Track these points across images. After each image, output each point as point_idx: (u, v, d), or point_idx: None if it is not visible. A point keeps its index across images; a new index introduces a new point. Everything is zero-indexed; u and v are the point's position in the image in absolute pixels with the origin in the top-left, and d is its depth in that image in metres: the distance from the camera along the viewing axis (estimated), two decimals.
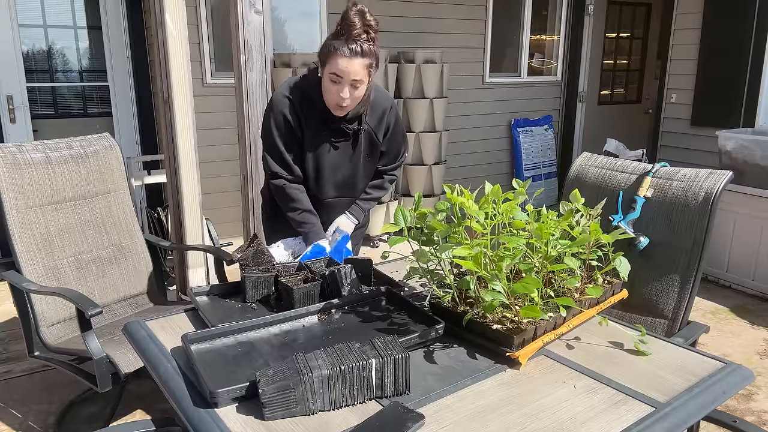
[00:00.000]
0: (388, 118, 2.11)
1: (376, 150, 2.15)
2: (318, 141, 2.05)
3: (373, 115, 2.07)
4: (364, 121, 2.05)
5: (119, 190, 2.64)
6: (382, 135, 2.13)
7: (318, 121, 2.02)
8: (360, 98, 1.94)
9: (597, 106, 6.59)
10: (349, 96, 1.88)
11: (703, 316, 3.62)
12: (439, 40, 5.28)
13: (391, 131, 2.15)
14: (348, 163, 2.11)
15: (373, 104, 2.06)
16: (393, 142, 2.19)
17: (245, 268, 1.67)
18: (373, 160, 2.18)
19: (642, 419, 1.13)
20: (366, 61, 1.84)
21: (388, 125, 2.13)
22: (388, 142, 2.17)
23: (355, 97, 1.90)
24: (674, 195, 1.92)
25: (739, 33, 4.82)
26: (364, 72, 1.85)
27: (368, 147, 2.12)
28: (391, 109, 2.11)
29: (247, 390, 1.16)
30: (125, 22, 4.59)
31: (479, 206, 1.42)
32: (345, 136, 2.06)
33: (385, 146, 2.17)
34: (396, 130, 2.17)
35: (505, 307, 1.40)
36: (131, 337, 1.49)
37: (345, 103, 1.90)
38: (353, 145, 2.09)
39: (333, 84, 1.87)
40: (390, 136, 2.16)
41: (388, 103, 2.11)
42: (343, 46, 1.81)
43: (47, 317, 2.30)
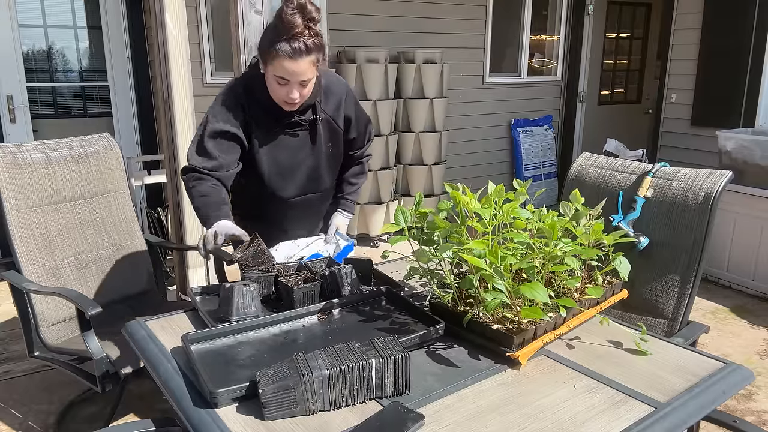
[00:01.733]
0: (346, 105, 2.01)
1: (338, 139, 2.04)
2: (272, 138, 1.93)
3: (328, 102, 1.97)
4: (319, 109, 1.94)
5: (119, 190, 2.64)
6: (342, 122, 2.02)
7: (268, 119, 1.90)
8: (309, 93, 1.83)
9: (597, 106, 6.59)
10: (299, 95, 1.79)
11: (703, 316, 3.62)
12: (439, 40, 5.28)
13: (354, 117, 2.05)
14: (309, 156, 2.00)
15: (327, 90, 1.96)
16: (359, 127, 2.09)
17: (245, 268, 1.67)
18: (337, 150, 2.06)
19: (642, 419, 1.13)
20: (312, 58, 1.73)
21: (348, 113, 2.03)
22: (354, 128, 2.07)
23: (304, 95, 1.81)
24: (674, 195, 1.92)
25: (739, 33, 4.82)
26: (311, 69, 1.75)
27: (329, 136, 2.01)
28: (347, 96, 2.01)
29: (247, 390, 1.16)
30: (125, 22, 4.59)
31: (482, 206, 1.42)
32: (300, 127, 1.95)
33: (352, 134, 2.08)
34: (358, 114, 2.06)
35: (505, 307, 1.40)
36: (131, 337, 1.49)
37: (294, 102, 1.81)
38: (312, 137, 1.98)
39: (280, 86, 1.78)
40: (354, 122, 2.05)
41: (343, 90, 2.00)
42: (285, 46, 1.69)
43: (47, 317, 2.30)
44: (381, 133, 4.70)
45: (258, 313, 1.52)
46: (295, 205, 2.08)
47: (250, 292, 1.51)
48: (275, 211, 2.09)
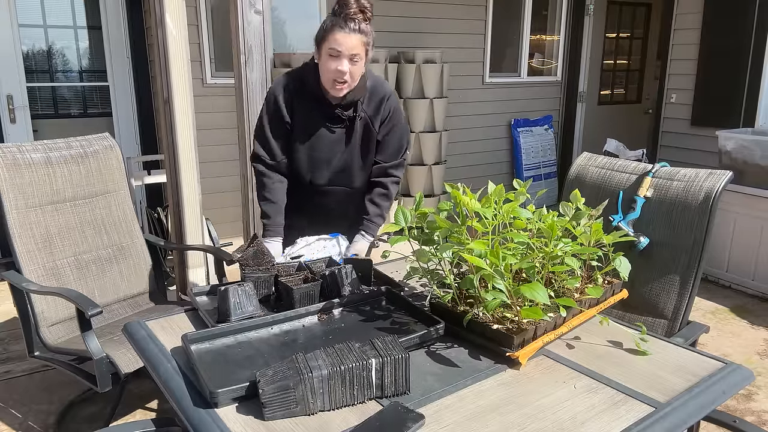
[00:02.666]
0: (387, 105, 2.08)
1: (372, 139, 2.11)
2: (311, 127, 2.05)
3: (370, 103, 2.06)
4: (360, 108, 2.04)
5: (119, 190, 2.64)
6: (378, 124, 2.09)
7: (312, 107, 2.03)
8: (357, 78, 1.94)
9: (597, 106, 6.59)
10: (348, 71, 1.89)
11: (703, 316, 3.62)
12: (439, 40, 5.28)
13: (390, 118, 2.10)
14: (343, 151, 2.09)
15: (371, 92, 2.05)
16: (392, 134, 2.13)
17: (245, 268, 1.67)
18: (369, 151, 2.13)
19: (642, 419, 1.13)
20: (363, 38, 1.88)
21: (387, 111, 2.09)
22: (386, 131, 2.11)
23: (353, 74, 1.90)
24: (674, 195, 1.92)
25: (739, 33, 4.82)
26: (361, 48, 1.89)
27: (364, 136, 2.09)
28: (389, 98, 2.09)
29: (247, 390, 1.16)
30: (125, 22, 4.59)
31: (482, 206, 1.42)
32: (340, 124, 2.05)
33: (381, 135, 2.11)
34: (395, 120, 2.11)
35: (505, 307, 1.40)
36: (131, 337, 1.49)
37: (344, 77, 1.90)
38: (349, 134, 2.07)
39: (332, 59, 1.89)
40: (387, 124, 2.10)
41: (386, 92, 2.09)
42: (341, 22, 1.87)
43: (47, 317, 2.30)
44: None
45: (256, 311, 1.52)
46: (326, 194, 2.16)
47: (245, 292, 1.51)
48: (308, 198, 2.17)
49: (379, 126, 2.10)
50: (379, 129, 2.11)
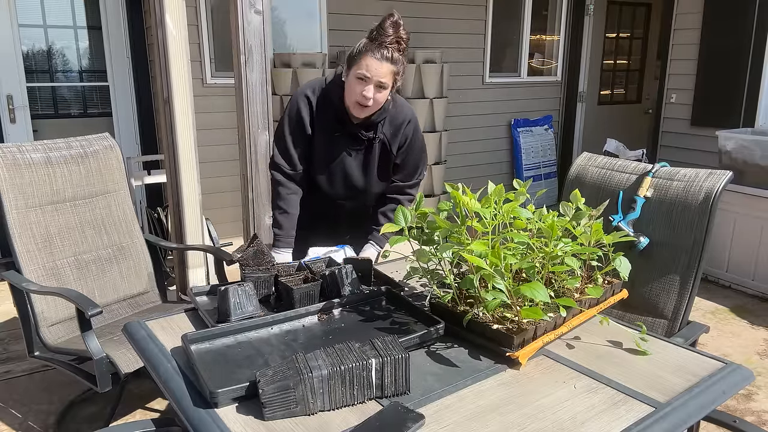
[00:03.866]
0: (406, 130, 2.11)
1: (389, 161, 2.15)
2: (331, 143, 2.08)
3: (390, 126, 2.09)
4: (380, 130, 2.07)
5: (119, 190, 2.64)
6: (396, 147, 2.12)
7: (333, 123, 2.05)
8: (381, 103, 1.96)
9: (597, 106, 6.59)
10: (372, 96, 1.91)
11: (703, 316, 3.62)
12: (439, 40, 5.28)
13: (408, 144, 2.13)
14: (360, 170, 2.14)
15: (392, 115, 2.08)
16: (410, 157, 2.17)
17: (245, 268, 1.67)
18: (386, 172, 2.17)
19: (642, 419, 1.13)
20: (394, 68, 1.90)
21: (405, 138, 2.12)
22: (404, 155, 2.15)
23: (377, 100, 1.93)
24: (674, 195, 1.92)
25: (739, 33, 4.82)
26: (389, 77, 1.90)
27: (381, 157, 2.13)
28: (409, 122, 2.12)
29: (247, 390, 1.16)
30: (125, 22, 4.59)
31: (482, 206, 1.42)
32: (359, 144, 2.09)
33: (400, 159, 2.15)
34: (413, 143, 2.14)
35: (505, 307, 1.40)
36: (131, 337, 1.49)
37: (368, 102, 1.92)
38: (367, 154, 2.11)
39: (359, 82, 1.90)
40: (406, 148, 2.14)
41: (407, 116, 2.11)
42: (375, 49, 1.87)
43: (47, 317, 2.30)
44: None
45: (256, 311, 1.52)
46: (341, 207, 2.22)
47: (245, 291, 1.51)
48: (323, 207, 2.22)
49: (397, 150, 2.13)
50: (397, 153, 2.14)
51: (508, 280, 1.33)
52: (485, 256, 1.32)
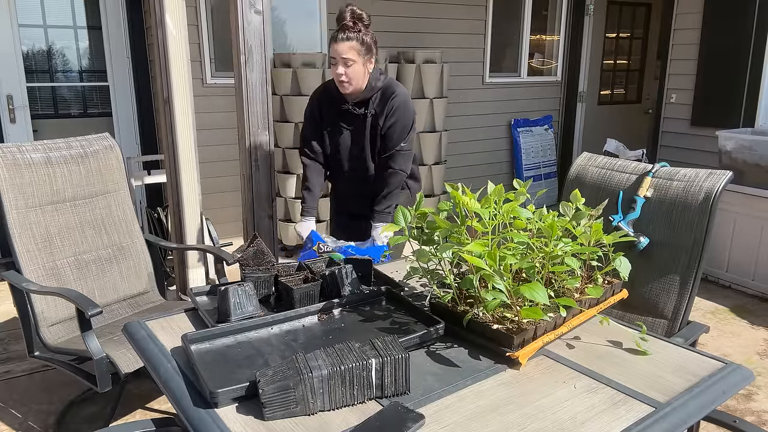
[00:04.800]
0: (392, 102, 2.38)
1: (377, 132, 2.43)
2: (334, 125, 2.49)
3: (381, 101, 2.40)
4: (371, 106, 2.40)
5: (119, 190, 2.64)
6: (383, 119, 2.40)
7: (335, 109, 2.46)
8: (356, 77, 2.31)
9: (597, 106, 6.59)
10: (344, 72, 2.29)
11: (703, 316, 3.62)
12: (439, 40, 5.28)
13: (392, 113, 2.38)
14: (357, 142, 2.47)
15: (383, 92, 2.40)
16: (393, 129, 2.40)
17: (245, 268, 1.67)
18: (376, 142, 2.45)
19: (642, 419, 1.13)
20: (353, 44, 2.27)
21: (391, 108, 2.38)
22: (388, 125, 2.40)
23: (349, 75, 2.30)
24: (674, 195, 1.92)
25: (739, 33, 4.82)
26: (352, 53, 2.27)
27: (372, 130, 2.44)
28: (395, 96, 2.39)
29: (247, 390, 1.16)
30: (125, 22, 4.59)
31: (481, 206, 1.42)
32: (355, 120, 2.44)
33: (384, 129, 2.41)
34: (397, 115, 2.38)
35: (505, 307, 1.40)
36: (131, 337, 1.49)
37: (342, 78, 2.30)
38: (361, 127, 2.44)
39: (334, 66, 2.31)
40: (390, 118, 2.39)
41: (394, 92, 2.40)
42: (336, 34, 2.28)
43: (47, 317, 2.30)
44: None
45: (256, 311, 1.52)
46: (347, 177, 2.56)
47: (245, 291, 1.51)
48: (338, 183, 2.65)
49: (384, 121, 2.40)
50: (383, 124, 2.40)
51: (507, 280, 1.33)
52: (485, 256, 1.32)
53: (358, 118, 2.42)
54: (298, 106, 4.38)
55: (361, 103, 2.40)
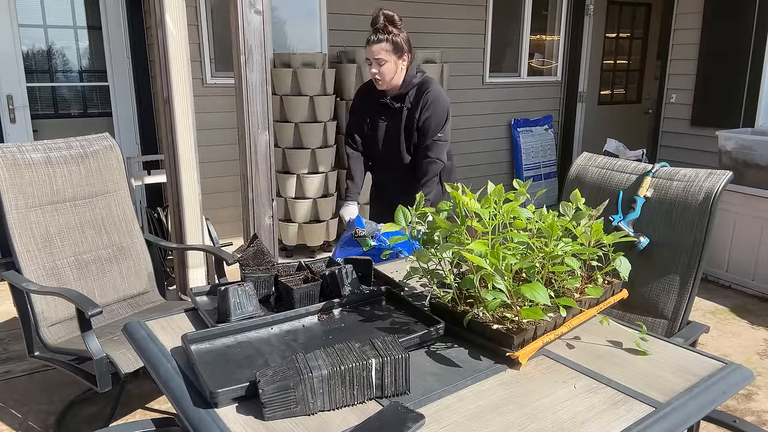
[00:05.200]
0: (426, 96, 2.60)
1: (413, 125, 2.64)
2: (373, 118, 2.72)
3: (416, 96, 2.62)
4: (407, 100, 2.63)
5: (119, 190, 2.64)
6: (419, 112, 2.61)
7: (375, 103, 2.70)
8: (388, 75, 2.55)
9: (597, 106, 6.59)
10: (378, 71, 2.54)
11: (703, 316, 3.62)
12: (439, 40, 5.28)
13: (426, 107, 2.59)
14: (393, 134, 2.69)
15: (418, 87, 2.62)
16: (428, 122, 2.61)
17: (245, 268, 1.67)
18: (411, 134, 2.65)
19: (642, 419, 1.13)
20: (384, 45, 2.50)
21: (425, 102, 2.60)
22: (423, 118, 2.61)
23: (382, 73, 2.54)
24: (674, 195, 1.92)
25: (739, 33, 4.82)
26: (383, 53, 2.51)
27: (407, 122, 2.64)
28: (429, 91, 2.60)
29: (247, 390, 1.16)
30: (125, 22, 4.59)
31: (481, 206, 1.42)
32: (391, 113, 2.66)
33: (421, 121, 2.62)
34: (429, 108, 2.59)
35: (505, 307, 1.40)
36: (131, 337, 1.49)
37: (376, 76, 2.55)
38: (397, 120, 2.66)
39: (369, 66, 2.58)
40: (425, 111, 2.60)
41: (429, 87, 2.62)
42: (369, 37, 2.52)
43: (47, 317, 2.30)
44: None
45: (256, 311, 1.52)
46: (386, 169, 2.80)
47: (245, 291, 1.51)
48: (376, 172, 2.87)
49: (419, 114, 2.61)
50: (419, 117, 2.61)
51: (508, 280, 1.33)
52: (485, 256, 1.32)
53: (396, 112, 2.65)
54: (298, 106, 4.38)
55: (399, 98, 2.63)
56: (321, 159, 4.51)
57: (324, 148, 4.51)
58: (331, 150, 4.60)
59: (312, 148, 4.46)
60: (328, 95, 4.48)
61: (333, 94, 4.57)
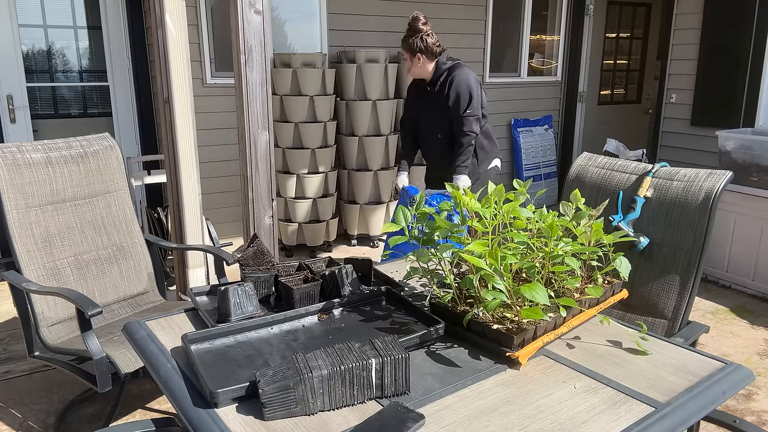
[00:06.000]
0: (451, 79, 3.16)
1: (444, 105, 3.19)
2: (418, 102, 3.36)
3: (443, 81, 3.19)
4: (438, 85, 3.21)
5: (119, 190, 2.64)
6: (446, 92, 3.17)
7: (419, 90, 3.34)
8: (411, 68, 3.23)
9: (597, 106, 6.59)
10: (405, 66, 3.29)
11: (703, 316, 3.62)
12: (440, 40, 5.27)
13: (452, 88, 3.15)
14: (429, 113, 3.30)
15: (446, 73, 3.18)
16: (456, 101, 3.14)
17: (245, 268, 1.67)
18: (443, 113, 3.21)
19: (642, 419, 1.13)
20: (403, 46, 3.21)
21: (450, 84, 3.15)
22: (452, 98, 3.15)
23: (408, 68, 3.26)
24: (674, 195, 1.92)
25: (739, 33, 4.82)
26: (403, 52, 3.23)
27: (439, 102, 3.22)
28: (454, 76, 3.15)
29: (247, 390, 1.16)
30: (125, 22, 4.59)
31: (481, 206, 1.42)
32: (428, 96, 3.26)
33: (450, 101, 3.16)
34: (454, 89, 3.14)
35: (505, 307, 1.40)
36: (131, 337, 1.49)
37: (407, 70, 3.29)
38: (432, 102, 3.25)
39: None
40: (452, 93, 3.14)
41: (455, 73, 3.17)
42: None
43: (47, 317, 2.30)
44: (381, 132, 4.70)
45: (256, 311, 1.52)
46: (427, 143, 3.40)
47: (245, 291, 1.52)
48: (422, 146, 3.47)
49: (447, 94, 3.16)
50: (447, 96, 3.16)
51: (508, 280, 1.33)
52: (485, 256, 1.32)
53: (431, 95, 3.24)
54: (298, 106, 4.38)
55: (433, 83, 3.22)
56: (321, 159, 4.51)
57: (324, 148, 4.51)
58: (331, 150, 4.60)
59: (312, 148, 4.46)
60: (328, 95, 4.48)
61: (333, 94, 4.57)
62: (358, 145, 4.70)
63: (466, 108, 3.12)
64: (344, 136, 4.73)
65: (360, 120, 4.63)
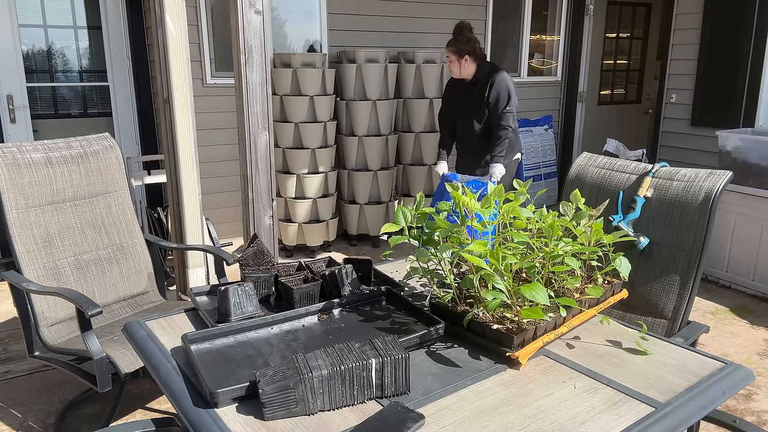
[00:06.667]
0: (491, 79, 3.56)
1: (483, 102, 3.58)
2: (456, 98, 3.74)
3: (483, 81, 3.58)
4: (479, 84, 3.59)
5: (119, 190, 2.64)
6: (487, 92, 3.56)
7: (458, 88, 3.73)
8: (455, 68, 3.61)
9: (597, 106, 6.59)
10: (449, 66, 3.65)
11: (703, 316, 3.62)
12: (439, 40, 5.27)
13: (492, 88, 3.54)
14: (467, 109, 3.66)
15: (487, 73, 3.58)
16: (496, 100, 3.53)
17: (245, 268, 1.67)
18: (481, 109, 3.59)
19: (642, 419, 1.13)
20: (449, 48, 3.60)
21: (491, 83, 3.55)
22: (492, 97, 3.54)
23: (451, 68, 3.63)
24: (674, 195, 1.92)
25: (739, 33, 4.82)
26: (449, 54, 3.60)
27: (478, 99, 3.60)
28: (494, 77, 3.56)
29: (247, 390, 1.16)
30: (125, 22, 4.59)
31: (481, 206, 1.42)
32: (469, 94, 3.64)
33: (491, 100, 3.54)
34: (494, 88, 3.54)
35: (505, 306, 1.40)
36: (131, 337, 1.49)
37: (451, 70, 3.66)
38: (471, 99, 3.63)
39: None
40: (492, 92, 3.54)
41: (494, 74, 3.58)
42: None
43: (47, 317, 2.30)
44: (380, 132, 4.70)
45: (256, 311, 1.52)
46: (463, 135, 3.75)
47: (245, 291, 1.52)
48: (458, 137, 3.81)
49: (488, 93, 3.55)
50: (488, 95, 3.55)
51: (508, 280, 1.33)
52: (485, 256, 1.32)
53: (471, 93, 3.62)
54: (298, 106, 4.38)
55: (473, 83, 3.62)
56: (321, 159, 4.51)
57: (324, 148, 4.51)
58: (331, 150, 4.60)
59: (312, 148, 4.46)
60: (328, 95, 4.48)
61: (333, 94, 4.57)
62: (357, 145, 4.70)
63: (505, 106, 3.52)
64: (344, 136, 4.73)
65: (360, 120, 4.63)
